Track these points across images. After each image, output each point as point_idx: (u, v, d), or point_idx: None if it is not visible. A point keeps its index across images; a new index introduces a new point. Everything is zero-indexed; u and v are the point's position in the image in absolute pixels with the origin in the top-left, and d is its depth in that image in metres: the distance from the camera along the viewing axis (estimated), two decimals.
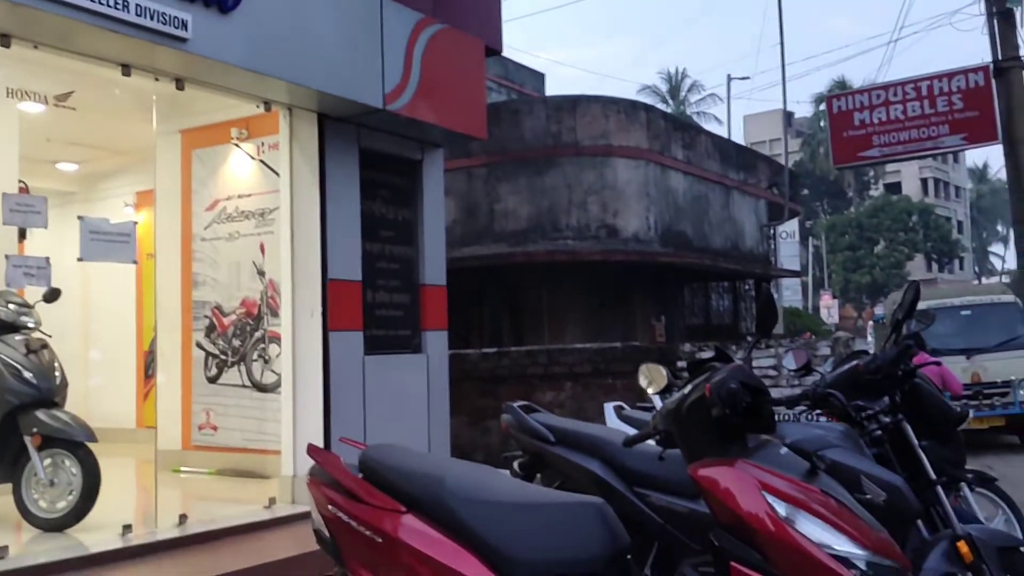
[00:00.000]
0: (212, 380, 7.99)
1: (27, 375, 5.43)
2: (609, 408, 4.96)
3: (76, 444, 5.32)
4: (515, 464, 4.11)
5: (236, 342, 7.85)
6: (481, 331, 14.57)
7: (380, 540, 2.96)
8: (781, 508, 2.50)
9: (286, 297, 6.63)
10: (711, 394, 2.63)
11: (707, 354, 4.02)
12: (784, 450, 2.71)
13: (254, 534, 5.70)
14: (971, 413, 11.57)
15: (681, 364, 12.72)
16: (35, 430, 5.32)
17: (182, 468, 7.91)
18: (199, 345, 8.08)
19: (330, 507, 3.12)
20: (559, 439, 4.02)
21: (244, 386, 7.76)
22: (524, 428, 4.12)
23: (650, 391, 2.97)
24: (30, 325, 5.67)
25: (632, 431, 3.75)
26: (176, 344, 8.15)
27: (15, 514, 5.42)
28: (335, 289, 6.54)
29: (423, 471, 3.06)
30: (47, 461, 5.37)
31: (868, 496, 3.47)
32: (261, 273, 7.67)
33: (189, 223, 8.22)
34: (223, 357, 7.93)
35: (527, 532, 2.89)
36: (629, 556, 3.79)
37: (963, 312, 12.86)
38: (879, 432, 3.66)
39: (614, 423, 4.82)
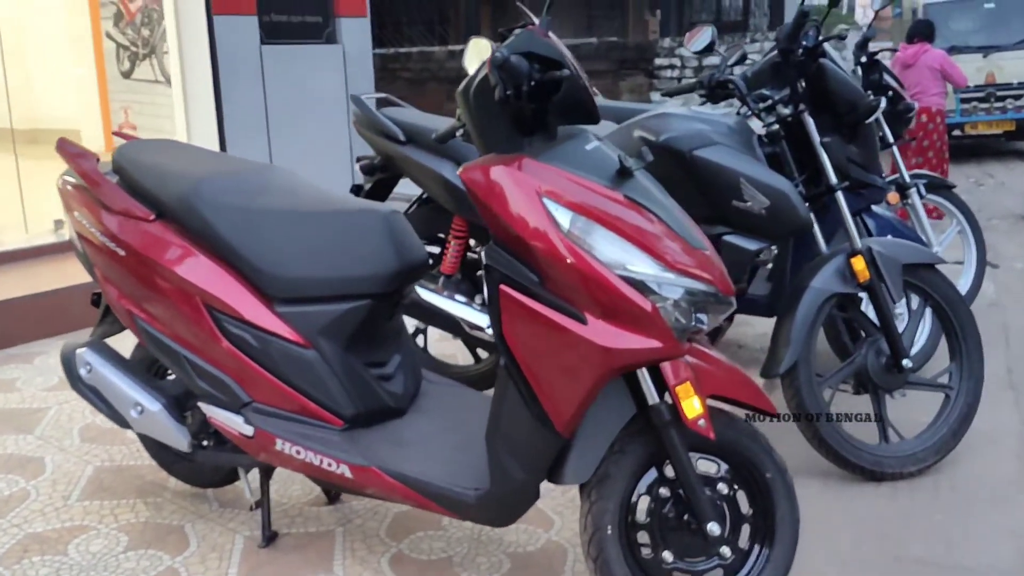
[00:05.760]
0: (126, 75, 7.29)
1: None
2: None
3: None
4: (359, 166, 3.50)
5: (145, 32, 7.05)
6: (457, 26, 13.45)
7: (123, 253, 2.46)
8: (564, 217, 1.92)
9: None
10: (490, 69, 1.95)
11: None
12: (593, 145, 2.06)
13: None
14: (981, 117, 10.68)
15: (659, 62, 11.77)
16: None
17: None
18: (108, 35, 7.31)
19: (76, 214, 2.60)
20: (410, 137, 3.37)
21: (158, 81, 7.06)
22: (371, 124, 3.46)
23: (470, 71, 2.27)
24: None
25: None
26: (87, 34, 7.39)
27: None
28: None
29: (180, 171, 2.49)
30: None
31: (748, 203, 2.88)
32: None
33: None
34: (134, 49, 7.18)
35: (294, 245, 2.37)
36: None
37: (986, 5, 11.55)
38: (776, 126, 2.99)
39: None
